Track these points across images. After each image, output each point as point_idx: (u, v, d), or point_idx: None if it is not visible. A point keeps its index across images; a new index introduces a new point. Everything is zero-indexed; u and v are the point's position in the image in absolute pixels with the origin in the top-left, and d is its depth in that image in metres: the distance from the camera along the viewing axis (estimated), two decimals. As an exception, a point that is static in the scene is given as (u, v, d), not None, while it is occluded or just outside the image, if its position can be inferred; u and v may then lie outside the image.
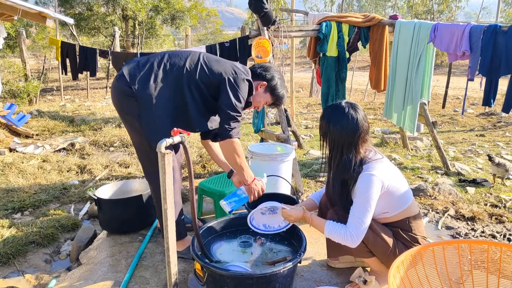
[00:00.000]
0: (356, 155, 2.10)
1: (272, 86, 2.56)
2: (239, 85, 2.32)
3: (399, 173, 2.20)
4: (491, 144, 6.06)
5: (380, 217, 2.19)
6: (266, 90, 2.56)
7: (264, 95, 2.57)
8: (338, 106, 2.13)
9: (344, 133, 2.07)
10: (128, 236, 2.92)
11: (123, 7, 16.51)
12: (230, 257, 2.29)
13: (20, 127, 6.37)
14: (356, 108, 2.11)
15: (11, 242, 2.83)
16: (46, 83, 13.90)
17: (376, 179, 2.02)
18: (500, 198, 3.72)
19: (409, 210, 2.17)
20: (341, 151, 2.11)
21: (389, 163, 2.18)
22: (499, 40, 3.67)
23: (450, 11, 21.95)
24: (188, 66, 2.32)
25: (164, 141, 1.78)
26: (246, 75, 2.39)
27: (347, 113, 2.08)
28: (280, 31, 4.07)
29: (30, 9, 6.65)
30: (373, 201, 2.04)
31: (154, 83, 2.27)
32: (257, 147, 3.73)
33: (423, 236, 2.24)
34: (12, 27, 13.46)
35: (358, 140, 2.09)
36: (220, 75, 2.31)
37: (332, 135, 2.11)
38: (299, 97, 11.83)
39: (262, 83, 2.53)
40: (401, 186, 2.14)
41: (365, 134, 2.12)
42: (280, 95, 2.60)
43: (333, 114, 2.12)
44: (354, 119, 2.07)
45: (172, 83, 2.30)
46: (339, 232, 2.08)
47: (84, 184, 4.21)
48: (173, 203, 1.81)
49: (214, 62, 2.38)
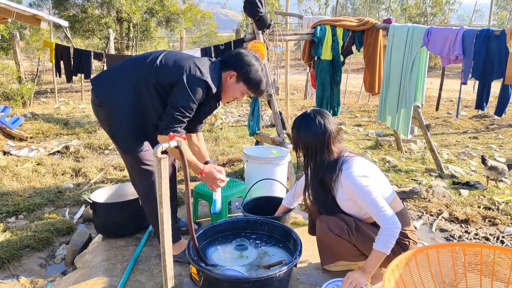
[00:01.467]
0: (329, 154, 2.20)
1: (243, 74, 2.33)
2: (190, 86, 2.17)
3: (377, 170, 2.28)
4: (484, 146, 6.11)
5: (365, 217, 2.24)
6: (237, 79, 2.35)
7: (237, 86, 2.37)
8: (306, 114, 2.26)
9: (314, 137, 2.18)
10: (124, 240, 2.92)
11: (118, 9, 16.47)
12: (226, 261, 2.29)
13: (14, 130, 6.34)
14: (323, 114, 2.23)
15: (5, 246, 2.82)
16: (40, 86, 13.83)
17: (358, 172, 2.12)
18: (493, 200, 3.76)
19: (392, 206, 2.19)
20: (314, 153, 2.21)
21: (365, 160, 2.27)
22: (492, 44, 3.71)
23: (443, 14, 22.10)
24: (147, 68, 2.24)
25: (160, 145, 1.78)
26: (201, 74, 2.22)
27: (314, 119, 2.20)
28: (275, 34, 4.09)
29: (24, 12, 6.65)
30: (372, 187, 2.09)
31: (116, 90, 2.29)
32: (253, 150, 3.75)
33: (411, 230, 2.28)
34: (6, 29, 13.39)
35: (329, 141, 2.19)
36: (174, 76, 2.20)
37: (303, 141, 2.22)
38: (293, 99, 11.86)
39: (231, 73, 2.34)
40: (381, 183, 2.22)
41: (336, 134, 2.22)
42: (255, 82, 2.36)
43: (302, 122, 2.24)
44: (322, 123, 2.18)
45: (132, 87, 2.26)
46: (385, 238, 2.04)
47: (79, 188, 4.20)
48: (169, 207, 1.81)
49: (172, 61, 2.25)
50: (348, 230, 2.21)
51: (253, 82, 2.36)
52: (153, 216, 2.51)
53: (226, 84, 2.38)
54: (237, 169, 4.67)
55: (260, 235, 2.54)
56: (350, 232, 2.21)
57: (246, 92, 2.42)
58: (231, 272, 2.11)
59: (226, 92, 2.41)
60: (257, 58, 2.38)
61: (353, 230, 2.21)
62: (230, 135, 6.48)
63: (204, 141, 2.86)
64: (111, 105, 2.30)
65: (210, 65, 2.34)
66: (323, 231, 2.29)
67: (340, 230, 2.21)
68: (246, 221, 2.58)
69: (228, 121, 8.32)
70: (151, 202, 2.41)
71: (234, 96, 2.45)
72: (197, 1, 24.93)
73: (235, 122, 8.33)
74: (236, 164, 4.87)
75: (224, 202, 3.08)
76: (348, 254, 2.23)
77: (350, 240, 2.22)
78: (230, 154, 5.25)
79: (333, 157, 2.20)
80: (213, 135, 6.53)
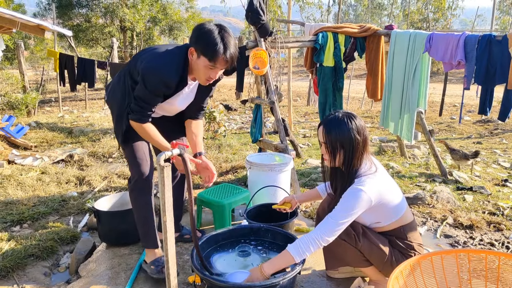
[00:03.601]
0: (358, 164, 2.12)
1: (197, 44, 2.10)
2: (144, 78, 2.16)
3: (393, 184, 2.20)
4: (488, 151, 6.09)
5: (373, 226, 2.22)
6: (198, 54, 2.12)
7: (199, 61, 2.13)
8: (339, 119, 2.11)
9: (352, 144, 2.08)
10: (128, 248, 2.92)
11: (121, 18, 16.63)
12: (230, 268, 2.29)
13: (18, 139, 6.37)
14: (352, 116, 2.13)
15: (10, 256, 2.83)
16: (44, 95, 13.94)
17: (365, 196, 2.02)
18: (498, 205, 3.74)
19: (403, 219, 2.19)
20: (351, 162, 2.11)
21: (382, 176, 2.16)
22: (494, 49, 3.71)
23: (445, 19, 22.14)
24: (132, 65, 2.30)
25: (163, 154, 1.79)
26: (157, 65, 2.15)
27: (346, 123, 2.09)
28: (277, 42, 4.12)
29: (28, 22, 6.71)
30: (354, 214, 2.04)
31: (111, 88, 2.47)
32: (256, 157, 3.75)
33: (419, 243, 2.25)
34: (11, 39, 13.52)
35: (363, 149, 2.11)
36: (138, 68, 2.22)
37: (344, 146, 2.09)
38: (296, 106, 11.88)
39: (190, 49, 2.15)
40: (394, 198, 2.15)
41: (366, 144, 2.13)
42: (210, 47, 2.06)
43: (333, 125, 2.11)
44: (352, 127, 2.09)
45: (122, 85, 2.38)
46: (304, 243, 2.02)
47: (83, 196, 4.21)
48: (172, 216, 1.82)
49: (143, 55, 2.27)
50: (355, 236, 2.19)
51: (208, 48, 2.06)
52: (136, 217, 2.57)
53: (192, 64, 2.21)
54: (240, 176, 4.67)
55: (263, 242, 2.54)
56: (356, 238, 2.19)
57: (210, 66, 2.12)
58: (237, 275, 2.12)
59: (195, 72, 2.23)
60: (216, 25, 2.13)
61: (359, 236, 2.20)
62: (233, 142, 6.49)
63: (207, 148, 2.87)
64: (110, 105, 2.51)
65: (175, 50, 2.24)
66: None
67: (347, 236, 2.20)
68: (250, 229, 2.58)
69: (231, 128, 8.34)
70: (136, 201, 2.52)
71: (205, 76, 2.19)
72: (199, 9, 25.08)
73: (238, 129, 8.34)
74: (239, 171, 4.87)
75: (228, 210, 3.09)
76: (353, 259, 2.21)
77: (356, 246, 2.20)
78: (233, 161, 5.26)
79: (354, 169, 2.12)
80: (216, 142, 6.55)
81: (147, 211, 2.52)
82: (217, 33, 2.08)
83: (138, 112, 2.26)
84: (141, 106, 2.24)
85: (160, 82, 2.17)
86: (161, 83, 2.17)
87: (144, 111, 2.26)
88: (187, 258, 2.76)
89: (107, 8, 16.69)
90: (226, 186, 3.42)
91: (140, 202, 2.51)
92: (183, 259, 2.76)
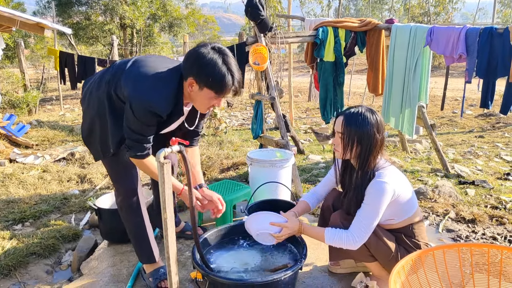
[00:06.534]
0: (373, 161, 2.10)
1: (201, 77, 1.88)
2: (131, 104, 1.94)
3: (405, 179, 2.20)
4: (490, 145, 6.07)
5: (386, 223, 2.20)
6: (200, 86, 1.91)
7: (202, 93, 1.93)
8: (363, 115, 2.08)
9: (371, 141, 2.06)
10: (129, 246, 2.92)
11: (121, 16, 16.60)
12: (231, 265, 2.29)
13: (20, 138, 6.37)
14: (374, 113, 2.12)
15: (12, 254, 2.83)
16: (45, 93, 13.94)
17: (389, 187, 2.02)
18: (500, 199, 3.72)
19: (413, 217, 2.19)
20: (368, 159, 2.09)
21: (396, 169, 2.17)
22: (495, 42, 3.69)
23: (446, 13, 22.01)
24: (115, 79, 2.06)
25: (163, 150, 1.78)
26: (149, 99, 1.92)
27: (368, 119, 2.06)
28: (277, 37, 4.10)
29: (28, 20, 6.70)
30: (382, 209, 2.05)
31: (89, 90, 2.23)
32: (256, 153, 3.74)
33: (426, 243, 2.24)
34: (11, 38, 13.51)
35: (380, 148, 2.10)
36: (125, 94, 1.99)
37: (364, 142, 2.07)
38: (297, 101, 11.85)
39: (190, 81, 1.92)
40: (408, 193, 2.15)
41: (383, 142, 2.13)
42: (217, 81, 1.87)
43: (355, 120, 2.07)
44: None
45: (102, 94, 2.13)
46: (340, 237, 2.09)
47: (85, 194, 4.21)
48: (173, 213, 1.81)
49: (131, 75, 2.00)
50: None
51: (215, 82, 1.88)
52: (128, 232, 2.43)
53: (192, 95, 1.98)
54: (241, 173, 4.67)
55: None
56: None
57: (217, 97, 1.95)
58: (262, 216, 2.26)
59: (195, 102, 2.05)
60: (214, 49, 1.90)
61: None
62: (234, 139, 6.48)
63: (208, 145, 2.84)
64: (85, 108, 2.31)
65: (167, 76, 1.99)
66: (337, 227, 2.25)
67: None
68: (251, 225, 2.57)
69: (232, 124, 8.33)
70: (126, 220, 2.39)
71: (207, 106, 2.02)
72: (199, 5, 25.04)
73: (239, 126, 8.33)
74: (240, 168, 4.86)
75: (229, 206, 3.08)
76: (358, 254, 2.19)
77: None
78: (234, 157, 5.25)
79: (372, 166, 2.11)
80: (217, 139, 6.53)
81: (138, 228, 2.37)
82: (221, 62, 1.87)
83: (136, 147, 2.04)
84: (137, 140, 2.02)
85: (150, 113, 1.94)
86: (152, 114, 1.94)
87: (141, 145, 2.05)
88: (188, 255, 2.77)
89: (107, 6, 16.65)
90: (227, 183, 3.41)
91: (131, 221, 2.37)
92: (184, 256, 2.76)
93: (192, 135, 2.39)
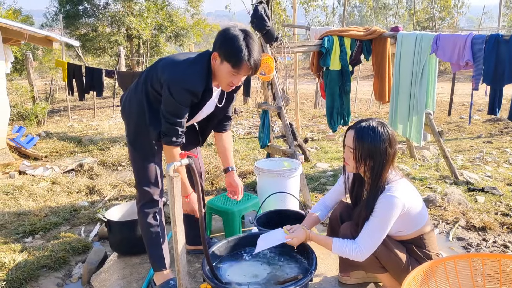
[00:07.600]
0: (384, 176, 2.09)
1: (221, 49, 2.06)
2: (169, 86, 2.10)
3: (416, 192, 2.19)
4: (499, 150, 6.02)
5: (396, 235, 2.19)
6: (221, 60, 2.08)
7: (222, 67, 2.09)
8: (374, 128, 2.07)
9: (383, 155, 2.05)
10: (139, 257, 2.93)
11: (128, 27, 16.76)
12: (241, 277, 2.28)
13: (29, 150, 6.45)
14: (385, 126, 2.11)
15: (23, 267, 2.85)
16: (53, 104, 14.07)
17: (399, 202, 2.01)
18: (510, 206, 3.69)
19: (424, 227, 2.18)
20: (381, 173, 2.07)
21: (407, 182, 2.15)
22: (502, 49, 3.68)
23: (451, 18, 21.98)
24: (150, 74, 2.24)
25: (173, 164, 1.80)
26: (183, 77, 2.11)
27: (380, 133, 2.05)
28: (282, 47, 4.12)
29: (36, 34, 6.79)
30: (391, 223, 2.04)
31: (127, 99, 2.39)
32: (264, 163, 3.75)
33: (437, 253, 2.23)
34: (19, 50, 13.69)
35: (392, 162, 2.09)
36: (161, 80, 2.16)
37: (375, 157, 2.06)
38: (304, 109, 11.86)
39: (214, 54, 2.11)
40: (418, 205, 2.14)
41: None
42: (234, 53, 2.02)
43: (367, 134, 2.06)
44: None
45: (139, 94, 2.30)
46: (348, 248, 2.09)
47: (94, 205, 4.24)
48: (183, 226, 1.82)
49: (162, 65, 2.20)
50: None
51: (232, 55, 2.03)
52: (143, 236, 2.49)
53: (215, 69, 2.15)
54: (249, 182, 4.67)
55: (274, 249, 2.52)
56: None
57: (233, 72, 2.08)
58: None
59: (218, 77, 2.17)
60: (241, 29, 2.07)
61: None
62: (241, 148, 6.50)
63: (215, 154, 2.87)
64: (126, 115, 2.46)
65: (197, 58, 2.19)
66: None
67: None
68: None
69: (239, 133, 8.35)
70: (141, 224, 2.46)
71: (227, 81, 2.15)
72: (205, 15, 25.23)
73: (246, 134, 8.35)
74: (248, 177, 4.87)
75: (238, 217, 3.08)
76: (369, 265, 2.18)
77: (374, 253, 2.18)
78: (242, 166, 5.26)
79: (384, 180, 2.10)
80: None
81: (151, 234, 2.43)
82: (242, 39, 2.03)
83: (171, 132, 2.17)
84: (172, 123, 2.15)
85: (187, 91, 2.10)
86: (188, 92, 2.11)
87: (176, 130, 2.18)
88: (198, 266, 2.77)
89: (114, 17, 16.83)
90: (235, 193, 3.42)
91: (146, 226, 2.43)
92: (194, 267, 2.76)
93: (224, 120, 2.59)
